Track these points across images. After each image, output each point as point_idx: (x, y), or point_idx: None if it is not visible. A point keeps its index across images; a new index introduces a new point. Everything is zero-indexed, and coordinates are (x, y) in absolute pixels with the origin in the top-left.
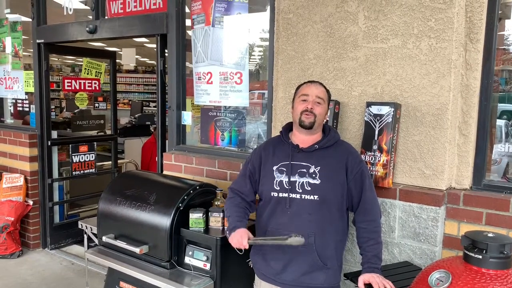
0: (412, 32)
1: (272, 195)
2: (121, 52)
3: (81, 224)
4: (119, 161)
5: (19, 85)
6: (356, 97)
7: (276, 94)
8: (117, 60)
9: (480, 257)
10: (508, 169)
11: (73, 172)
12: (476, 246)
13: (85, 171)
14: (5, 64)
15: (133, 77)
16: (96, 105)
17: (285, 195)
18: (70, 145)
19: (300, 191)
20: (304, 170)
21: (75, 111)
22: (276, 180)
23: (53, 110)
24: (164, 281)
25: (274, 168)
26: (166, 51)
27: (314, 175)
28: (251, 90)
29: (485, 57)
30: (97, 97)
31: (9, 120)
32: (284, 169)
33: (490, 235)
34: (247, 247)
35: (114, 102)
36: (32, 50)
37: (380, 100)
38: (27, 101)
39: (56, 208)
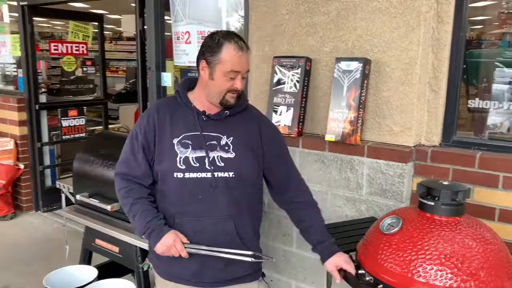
0: None
1: (175, 176)
2: (111, 16)
3: (59, 184)
4: (110, 126)
5: (6, 49)
6: (328, 53)
7: (251, 51)
8: (118, 28)
9: (433, 203)
10: None
11: (63, 137)
12: (430, 193)
13: (75, 135)
14: None
15: (135, 45)
16: (85, 69)
17: (194, 175)
18: (59, 110)
19: (212, 168)
20: (215, 142)
21: (71, 77)
22: (180, 157)
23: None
24: (135, 237)
25: (175, 141)
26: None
27: (227, 148)
28: None
29: (457, 9)
30: (85, 61)
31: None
32: (189, 142)
33: (445, 183)
34: (187, 256)
35: (103, 67)
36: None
37: (351, 56)
38: (15, 66)
39: (48, 172)
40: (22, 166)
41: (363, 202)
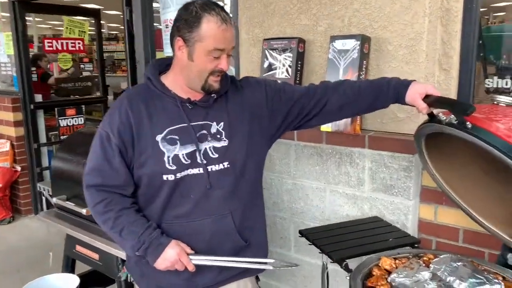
0: None
1: (165, 178)
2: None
3: (39, 186)
4: None
5: (0, 48)
6: (322, 32)
7: (240, 35)
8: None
9: None
10: None
11: (61, 137)
12: None
13: None
14: None
15: None
16: (82, 66)
17: (185, 173)
18: (56, 109)
19: (204, 162)
20: (205, 131)
21: (80, 76)
22: (168, 156)
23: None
24: (114, 244)
25: (158, 138)
26: None
27: (219, 136)
28: None
29: None
30: (82, 58)
31: None
32: (176, 137)
33: None
34: (194, 269)
35: (101, 64)
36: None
37: (348, 33)
38: (9, 64)
39: (47, 173)
40: (19, 168)
41: (365, 200)
